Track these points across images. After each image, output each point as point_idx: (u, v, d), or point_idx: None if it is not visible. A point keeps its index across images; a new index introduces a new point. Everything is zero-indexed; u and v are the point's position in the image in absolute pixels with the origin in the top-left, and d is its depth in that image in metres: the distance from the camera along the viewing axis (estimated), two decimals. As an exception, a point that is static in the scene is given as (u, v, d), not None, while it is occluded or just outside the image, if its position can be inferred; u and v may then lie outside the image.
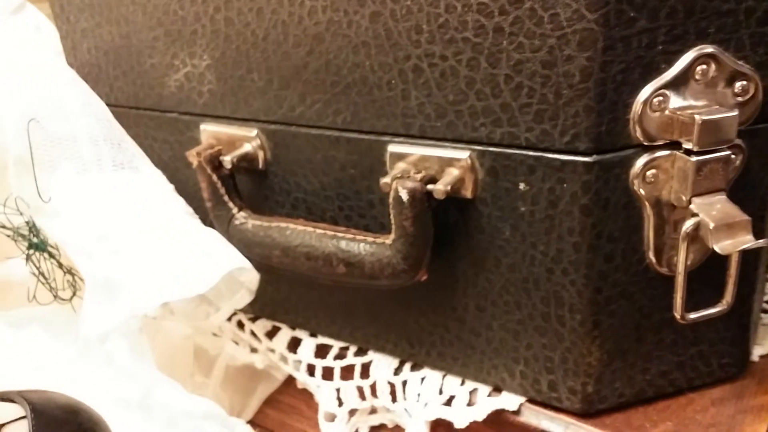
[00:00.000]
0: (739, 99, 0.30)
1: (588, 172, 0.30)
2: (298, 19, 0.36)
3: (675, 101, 0.30)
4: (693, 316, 0.32)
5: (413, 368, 0.43)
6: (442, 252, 0.37)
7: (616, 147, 0.30)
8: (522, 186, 0.32)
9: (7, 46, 0.44)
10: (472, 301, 0.37)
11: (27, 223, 0.45)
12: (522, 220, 0.33)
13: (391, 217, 0.34)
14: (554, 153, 0.31)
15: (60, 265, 0.47)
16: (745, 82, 0.30)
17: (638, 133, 0.30)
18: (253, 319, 0.50)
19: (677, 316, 0.32)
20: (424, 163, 0.34)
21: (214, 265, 0.38)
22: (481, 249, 0.35)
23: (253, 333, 0.49)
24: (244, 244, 0.41)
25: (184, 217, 0.41)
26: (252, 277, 0.41)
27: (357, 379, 0.44)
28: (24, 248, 0.46)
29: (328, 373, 0.45)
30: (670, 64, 0.29)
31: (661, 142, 0.30)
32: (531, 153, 0.31)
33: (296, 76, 0.38)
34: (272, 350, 0.48)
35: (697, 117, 0.29)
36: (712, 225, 0.29)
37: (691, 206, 0.30)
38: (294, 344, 0.47)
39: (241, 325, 0.50)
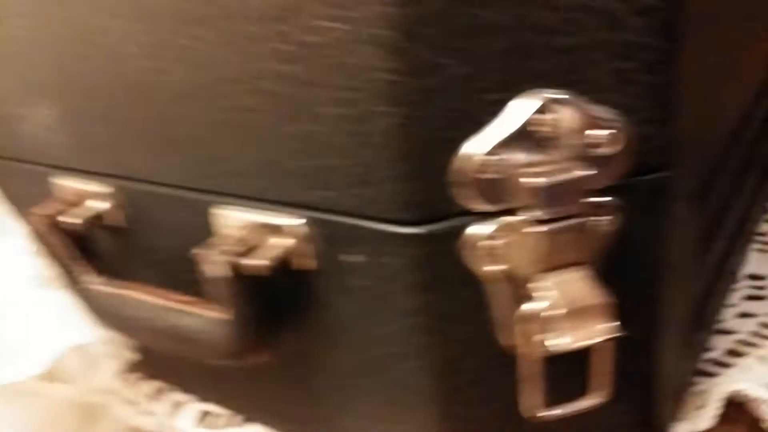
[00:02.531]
0: (604, 151, 0.24)
1: (415, 245, 0.25)
2: (122, 69, 0.31)
3: (514, 159, 0.24)
4: (546, 413, 0.27)
5: (293, 445, 0.38)
6: (294, 327, 0.32)
7: (445, 216, 0.25)
8: (356, 258, 0.27)
9: None
10: (332, 381, 0.32)
11: None
12: (362, 296, 0.28)
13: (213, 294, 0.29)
14: (380, 222, 0.26)
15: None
16: (607, 132, 0.24)
17: (469, 201, 0.24)
18: (144, 378, 0.46)
19: (523, 414, 0.27)
20: (256, 231, 0.30)
21: (50, 344, 0.34)
22: (328, 326, 0.30)
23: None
24: (98, 312, 0.37)
25: (27, 287, 0.37)
26: (104, 350, 0.37)
27: (235, 454, 0.39)
28: None
29: (208, 444, 0.41)
30: (501, 116, 0.24)
31: (501, 209, 0.25)
32: (359, 222, 0.26)
33: (132, 130, 0.33)
34: (155, 413, 0.44)
35: (537, 180, 0.23)
36: (552, 311, 0.24)
37: (537, 284, 0.25)
38: (178, 408, 0.43)
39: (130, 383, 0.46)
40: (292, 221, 0.28)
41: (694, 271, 0.34)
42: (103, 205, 0.36)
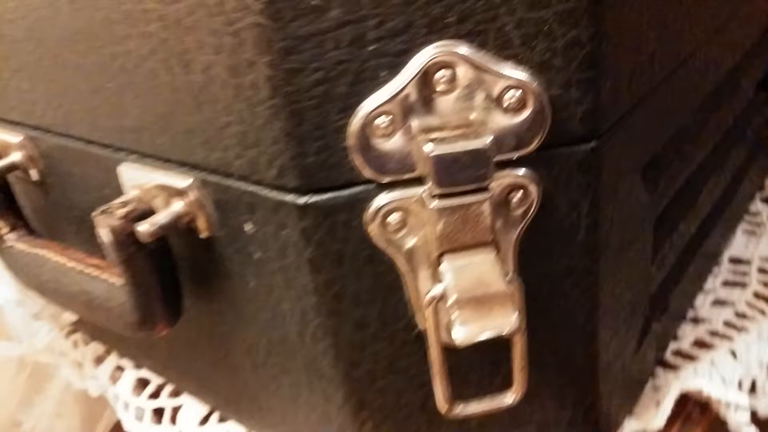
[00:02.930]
0: (515, 117, 0.21)
1: (304, 217, 0.22)
2: (24, 12, 0.29)
3: (413, 123, 0.21)
4: (461, 410, 0.24)
5: (221, 420, 0.36)
6: (201, 298, 0.30)
7: (337, 185, 0.22)
8: (248, 227, 0.25)
9: None
10: (248, 358, 0.30)
11: None
12: (260, 269, 0.26)
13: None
14: (267, 189, 0.23)
15: None
16: (515, 92, 0.21)
17: (364, 167, 0.22)
18: (89, 341, 0.44)
19: (440, 409, 0.24)
20: (152, 192, 0.27)
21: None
22: (234, 299, 0.28)
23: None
24: (15, 271, 0.35)
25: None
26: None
27: (166, 424, 0.38)
28: None
29: (141, 413, 0.39)
30: (393, 70, 0.21)
31: (402, 178, 0.22)
32: (247, 187, 0.24)
33: (39, 77, 0.31)
34: (98, 378, 0.42)
35: (428, 148, 0.20)
36: (452, 298, 0.21)
37: (440, 267, 0.22)
38: (119, 373, 0.42)
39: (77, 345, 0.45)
40: (186, 183, 0.25)
41: (650, 252, 0.30)
42: (16, 156, 0.34)
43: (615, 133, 0.23)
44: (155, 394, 0.39)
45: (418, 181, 0.22)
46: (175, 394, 0.39)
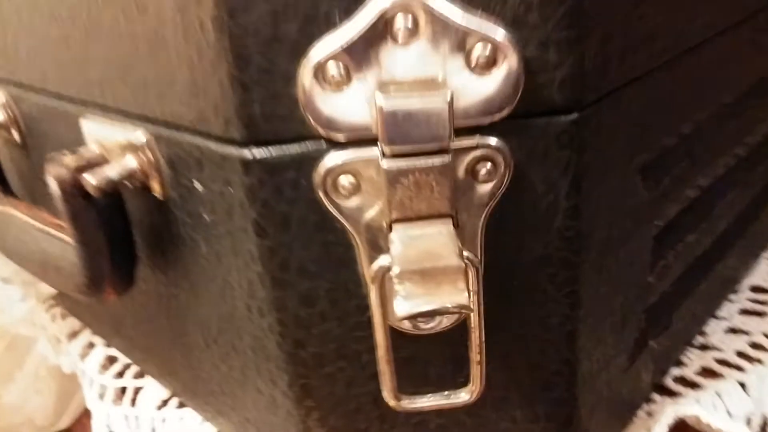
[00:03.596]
0: (483, 77, 0.19)
1: (248, 173, 0.20)
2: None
3: (369, 74, 0.19)
4: (407, 404, 0.22)
5: (180, 405, 0.34)
6: (158, 269, 0.28)
7: (285, 139, 0.20)
8: (198, 186, 0.23)
9: None
10: (199, 334, 0.28)
11: None
12: (210, 233, 0.24)
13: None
14: (215, 142, 0.21)
15: None
16: (484, 48, 0.19)
17: (314, 121, 0.20)
18: (66, 315, 0.43)
19: (385, 400, 0.22)
20: (104, 147, 0.26)
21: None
22: (187, 268, 0.26)
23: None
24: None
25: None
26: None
27: (125, 406, 0.36)
28: None
29: (104, 391, 0.38)
30: (349, 13, 0.19)
31: (357, 137, 0.20)
32: (196, 140, 0.22)
33: (20, 29, 0.30)
34: (70, 354, 0.41)
35: (380, 100, 0.18)
36: (396, 268, 0.19)
37: (390, 236, 0.20)
38: (90, 350, 0.40)
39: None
40: (141, 137, 0.24)
41: (648, 258, 0.28)
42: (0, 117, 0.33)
43: (602, 110, 0.21)
44: (121, 374, 0.37)
45: (375, 141, 0.20)
46: (141, 375, 0.37)
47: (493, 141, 0.20)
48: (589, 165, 0.21)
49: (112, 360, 0.39)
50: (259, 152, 0.20)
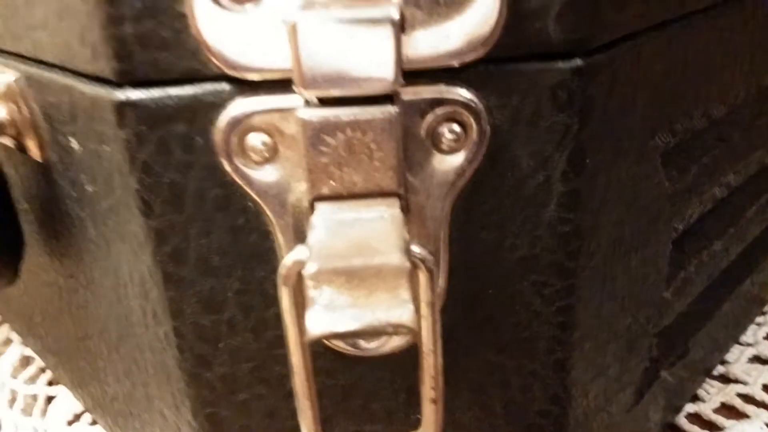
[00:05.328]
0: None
1: (123, 123, 0.15)
2: None
3: (287, -14, 0.13)
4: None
5: (93, 423, 0.29)
6: (52, 256, 0.23)
7: (170, 76, 0.14)
8: (73, 144, 0.17)
9: None
10: (101, 340, 0.23)
11: None
12: (94, 209, 0.18)
13: None
14: (84, 81, 0.16)
15: None
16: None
17: (211, 50, 0.14)
18: (-13, 308, 0.37)
19: (302, 439, 0.16)
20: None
21: None
22: (80, 254, 0.21)
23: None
24: None
25: None
26: None
27: (35, 417, 0.30)
28: None
29: (15, 397, 0.32)
30: None
31: (272, 76, 0.14)
32: (66, 79, 0.16)
33: None
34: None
35: (290, 17, 0.13)
36: (313, 265, 0.13)
37: (311, 219, 0.14)
38: (4, 349, 0.35)
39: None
40: (5, 78, 0.18)
41: (664, 269, 0.22)
42: None
43: (617, 58, 0.15)
44: (34, 379, 0.32)
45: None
46: (56, 381, 0.31)
47: (462, 93, 0.14)
48: (595, 136, 0.16)
49: (27, 361, 0.33)
50: (135, 95, 0.14)
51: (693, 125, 0.22)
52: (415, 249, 0.14)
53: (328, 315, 0.13)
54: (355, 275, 0.13)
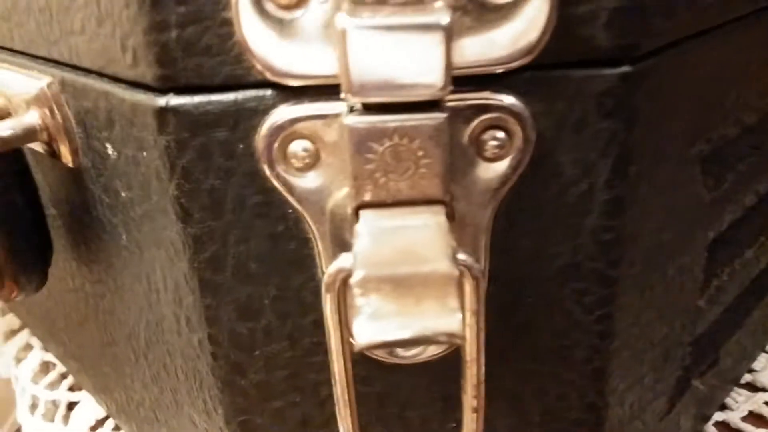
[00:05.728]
0: (500, 2, 0.13)
1: (164, 129, 0.15)
2: None
3: (333, -10, 0.13)
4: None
5: (116, 428, 0.29)
6: (81, 262, 0.23)
7: (213, 83, 0.14)
8: (110, 149, 0.17)
9: None
10: (128, 346, 0.23)
11: None
12: (128, 215, 0.18)
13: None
14: (124, 86, 0.15)
15: None
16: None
17: (256, 56, 0.14)
18: (7, 312, 0.38)
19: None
20: (13, 100, 0.20)
21: None
22: (110, 261, 0.21)
23: None
24: None
25: None
26: None
27: (57, 423, 0.30)
28: None
29: (36, 403, 0.32)
30: None
31: (317, 82, 0.14)
32: (104, 85, 0.16)
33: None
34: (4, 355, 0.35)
35: (341, 23, 0.12)
36: (359, 273, 0.13)
37: (356, 227, 0.14)
38: (26, 352, 0.35)
39: (-4, 316, 0.38)
40: (40, 84, 0.18)
41: (700, 277, 0.22)
42: None
43: (664, 66, 0.15)
44: (56, 384, 0.32)
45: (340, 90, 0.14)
46: (78, 387, 0.31)
47: (507, 99, 0.14)
48: (640, 143, 0.15)
49: (48, 367, 0.33)
50: (177, 101, 0.14)
51: (727, 132, 0.21)
52: (461, 257, 0.14)
53: (376, 323, 0.13)
54: (402, 283, 0.13)
